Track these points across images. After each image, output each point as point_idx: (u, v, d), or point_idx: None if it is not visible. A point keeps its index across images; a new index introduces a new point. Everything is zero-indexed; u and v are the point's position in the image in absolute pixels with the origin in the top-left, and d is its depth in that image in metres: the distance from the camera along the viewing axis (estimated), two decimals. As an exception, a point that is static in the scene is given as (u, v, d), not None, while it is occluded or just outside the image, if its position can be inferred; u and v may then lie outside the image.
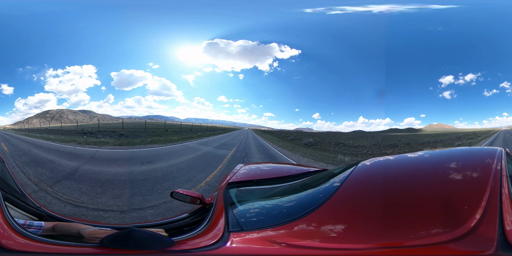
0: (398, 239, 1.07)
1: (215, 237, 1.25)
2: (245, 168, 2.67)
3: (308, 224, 1.22)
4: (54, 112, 20.94)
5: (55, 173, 6.83)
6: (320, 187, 1.69)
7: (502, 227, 0.99)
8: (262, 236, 1.20)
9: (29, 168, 7.31)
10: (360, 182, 1.61)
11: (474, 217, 1.04)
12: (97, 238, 1.33)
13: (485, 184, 1.24)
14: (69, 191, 5.28)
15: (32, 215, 1.87)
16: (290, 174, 2.35)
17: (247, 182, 2.19)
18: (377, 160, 2.02)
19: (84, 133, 16.28)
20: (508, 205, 1.10)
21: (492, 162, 1.54)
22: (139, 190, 5.50)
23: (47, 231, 1.53)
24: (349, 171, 1.70)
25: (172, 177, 6.66)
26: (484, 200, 1.12)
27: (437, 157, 2.17)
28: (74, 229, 1.48)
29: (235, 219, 1.39)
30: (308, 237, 1.17)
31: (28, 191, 2.15)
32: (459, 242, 0.96)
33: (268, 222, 1.29)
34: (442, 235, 1.00)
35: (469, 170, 1.59)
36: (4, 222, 1.25)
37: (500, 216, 1.03)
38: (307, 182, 2.04)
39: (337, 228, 1.20)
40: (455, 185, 1.37)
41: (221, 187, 2.08)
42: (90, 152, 10.80)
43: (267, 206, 1.63)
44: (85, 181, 6.07)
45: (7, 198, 1.77)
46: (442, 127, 19.56)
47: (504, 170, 1.41)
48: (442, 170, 1.66)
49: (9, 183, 2.04)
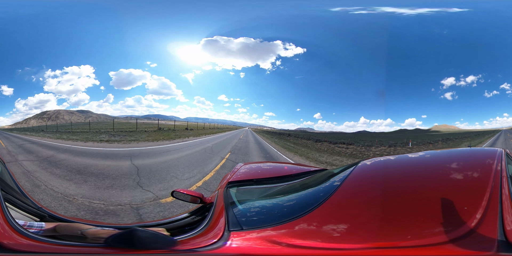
0: (398, 239, 1.07)
1: (215, 237, 1.26)
2: (245, 167, 2.67)
3: (308, 223, 1.22)
4: (51, 112, 21.07)
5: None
6: (320, 186, 1.69)
7: (503, 227, 0.99)
8: (262, 235, 1.21)
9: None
10: (360, 181, 1.61)
11: (474, 217, 1.04)
12: (101, 238, 1.33)
13: (485, 184, 1.25)
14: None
15: (33, 215, 1.87)
16: (290, 174, 2.35)
17: (247, 181, 2.19)
18: (378, 160, 2.02)
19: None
20: (508, 205, 1.10)
21: (492, 163, 1.54)
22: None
23: (48, 232, 1.53)
24: (349, 171, 1.70)
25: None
26: (484, 200, 1.12)
27: (437, 157, 2.17)
28: (76, 229, 1.48)
29: (235, 218, 1.39)
30: (308, 236, 1.18)
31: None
32: (460, 242, 0.97)
33: (268, 221, 1.29)
34: (443, 235, 1.01)
35: (469, 170, 1.59)
36: (5, 223, 1.24)
37: (500, 216, 1.04)
38: (307, 181, 2.04)
39: (337, 227, 1.20)
40: (455, 185, 1.38)
41: (221, 186, 2.08)
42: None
43: (267, 205, 1.64)
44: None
45: (7, 198, 1.78)
46: (448, 128, 19.69)
47: (504, 171, 1.41)
48: (442, 171, 1.66)
49: (9, 184, 2.04)
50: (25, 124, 20.22)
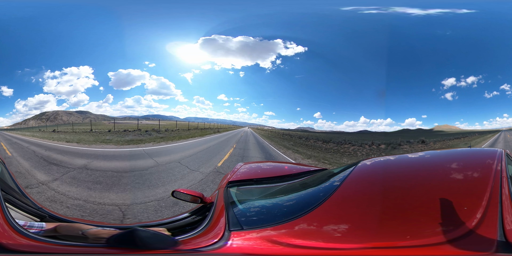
0: (398, 239, 1.07)
1: (216, 236, 1.26)
2: (245, 167, 2.67)
3: (308, 223, 1.22)
4: (50, 113, 21.07)
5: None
6: (320, 186, 1.69)
7: (503, 228, 0.99)
8: (263, 235, 1.21)
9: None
10: (360, 181, 1.61)
11: (474, 217, 1.04)
12: (102, 238, 1.33)
13: (485, 184, 1.25)
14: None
15: (33, 216, 1.87)
16: (290, 173, 2.35)
17: (247, 181, 2.19)
18: (378, 160, 2.03)
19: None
20: (508, 205, 1.10)
21: (492, 163, 1.54)
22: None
23: (48, 232, 1.52)
24: (349, 171, 1.70)
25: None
26: (484, 200, 1.12)
27: (437, 157, 2.17)
28: (77, 229, 1.48)
29: (236, 218, 1.39)
30: (308, 236, 1.18)
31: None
32: (459, 242, 0.97)
33: (268, 221, 1.29)
34: (442, 235, 1.01)
35: (469, 170, 1.59)
36: (5, 223, 1.24)
37: (500, 216, 1.04)
38: (307, 181, 2.04)
39: (337, 227, 1.20)
40: (455, 185, 1.38)
41: (222, 186, 2.08)
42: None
43: (267, 205, 1.64)
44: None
45: (7, 199, 1.77)
46: (450, 128, 19.77)
47: (504, 171, 1.41)
48: (442, 171, 1.66)
49: (9, 184, 2.04)
50: (24, 124, 20.25)
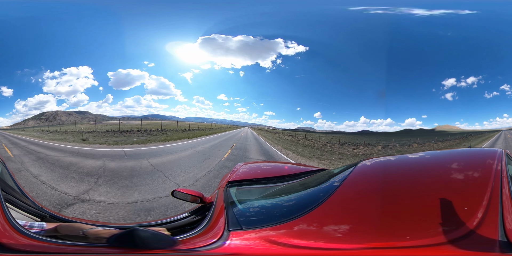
0: (398, 239, 1.07)
1: (215, 236, 1.26)
2: (245, 167, 2.67)
3: (308, 223, 1.22)
4: (49, 114, 21.09)
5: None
6: (319, 186, 1.69)
7: (504, 228, 0.99)
8: (262, 235, 1.20)
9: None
10: (360, 182, 1.61)
11: (475, 217, 1.04)
12: (102, 238, 1.33)
13: (486, 184, 1.25)
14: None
15: (34, 216, 1.87)
16: (290, 173, 2.35)
17: (247, 181, 2.19)
18: (377, 160, 2.02)
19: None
20: (509, 205, 1.10)
21: (492, 163, 1.54)
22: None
23: (49, 232, 1.52)
24: (349, 171, 1.70)
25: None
26: (485, 200, 1.12)
27: (438, 158, 2.17)
28: (77, 229, 1.48)
29: (235, 218, 1.39)
30: (307, 236, 1.17)
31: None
32: (460, 243, 0.96)
33: (268, 221, 1.29)
34: (443, 235, 1.00)
35: (470, 170, 1.59)
36: (6, 223, 1.24)
37: (501, 216, 1.04)
38: (306, 181, 2.04)
39: (337, 227, 1.20)
40: (455, 186, 1.38)
41: (221, 186, 2.08)
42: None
43: (266, 205, 1.63)
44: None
45: (8, 199, 1.77)
46: (451, 128, 19.81)
47: (505, 171, 1.41)
48: (442, 171, 1.66)
49: (9, 184, 2.04)
50: (24, 124, 20.28)
